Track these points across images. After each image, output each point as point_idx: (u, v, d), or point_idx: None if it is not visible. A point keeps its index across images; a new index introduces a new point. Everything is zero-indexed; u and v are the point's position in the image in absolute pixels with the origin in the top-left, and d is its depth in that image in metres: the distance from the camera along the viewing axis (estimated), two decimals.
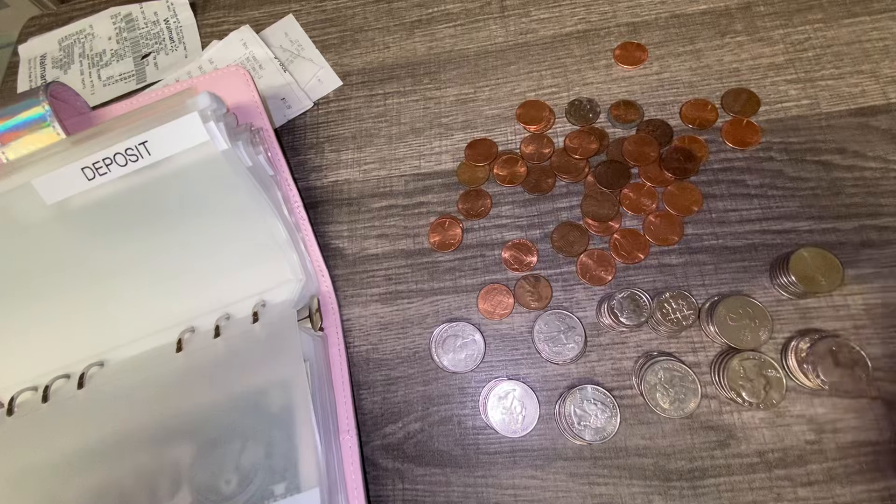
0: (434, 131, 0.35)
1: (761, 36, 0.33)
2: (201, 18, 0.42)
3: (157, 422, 0.26)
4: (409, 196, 0.33)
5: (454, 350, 0.29)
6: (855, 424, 0.25)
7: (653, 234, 0.29)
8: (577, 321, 0.28)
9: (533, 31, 0.37)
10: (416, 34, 0.38)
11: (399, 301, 0.31)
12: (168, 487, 0.24)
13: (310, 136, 0.36)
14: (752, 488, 0.25)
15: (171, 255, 0.29)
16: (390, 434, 0.28)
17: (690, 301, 0.27)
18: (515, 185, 0.32)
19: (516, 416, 0.27)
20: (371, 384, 0.29)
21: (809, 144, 0.30)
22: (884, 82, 0.31)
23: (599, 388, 0.26)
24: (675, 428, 0.26)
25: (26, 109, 0.28)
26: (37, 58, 0.43)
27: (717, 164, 0.31)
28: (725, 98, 0.32)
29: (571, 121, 0.33)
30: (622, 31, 0.35)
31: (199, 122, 0.26)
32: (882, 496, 0.24)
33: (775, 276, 0.27)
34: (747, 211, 0.29)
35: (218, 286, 0.30)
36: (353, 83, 0.37)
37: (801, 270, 0.26)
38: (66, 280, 0.28)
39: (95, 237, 0.28)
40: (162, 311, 0.29)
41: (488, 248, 0.31)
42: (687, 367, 0.26)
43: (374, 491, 0.27)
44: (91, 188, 0.26)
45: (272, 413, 0.24)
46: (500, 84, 0.35)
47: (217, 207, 0.28)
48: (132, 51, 0.41)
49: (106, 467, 0.25)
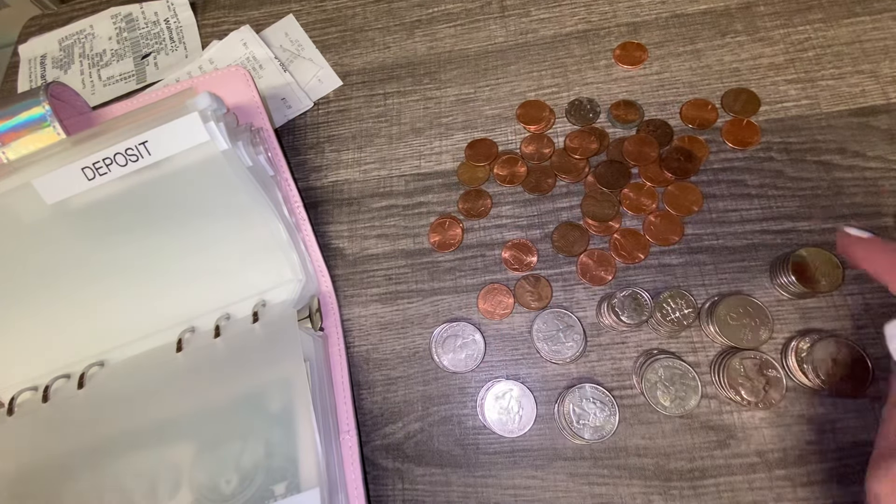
0: (434, 131, 0.35)
1: (761, 36, 0.33)
2: (201, 18, 0.42)
3: (158, 422, 0.26)
4: (410, 196, 0.33)
5: (454, 350, 0.29)
6: (855, 424, 0.25)
7: (653, 234, 0.29)
8: (575, 320, 0.28)
9: (533, 31, 0.37)
10: (416, 34, 0.38)
11: (399, 301, 0.31)
12: (168, 487, 0.24)
13: (310, 136, 0.36)
14: (752, 488, 0.25)
15: (172, 255, 0.29)
16: (390, 434, 0.28)
17: (690, 301, 0.27)
18: (515, 185, 0.32)
19: (513, 416, 0.27)
20: (371, 384, 0.29)
21: (809, 144, 0.30)
22: (884, 82, 0.31)
23: (598, 387, 0.26)
24: (675, 428, 0.26)
25: (26, 109, 0.28)
26: (37, 58, 0.43)
27: (717, 164, 0.31)
28: (725, 98, 0.32)
29: (571, 121, 0.33)
30: (622, 31, 0.35)
31: (200, 122, 0.26)
32: None
33: (775, 276, 0.27)
34: (747, 211, 0.29)
35: (218, 286, 0.30)
36: (353, 83, 0.37)
37: (800, 270, 0.26)
38: (67, 280, 0.28)
39: (95, 237, 0.28)
40: (162, 311, 0.29)
41: (488, 248, 0.31)
42: (687, 365, 0.26)
43: (374, 491, 0.27)
44: (91, 188, 0.26)
45: (272, 413, 0.24)
46: (501, 84, 0.35)
47: (217, 207, 0.28)
48: (132, 51, 0.41)
49: (106, 467, 0.25)
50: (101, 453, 0.25)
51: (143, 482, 0.24)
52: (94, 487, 0.24)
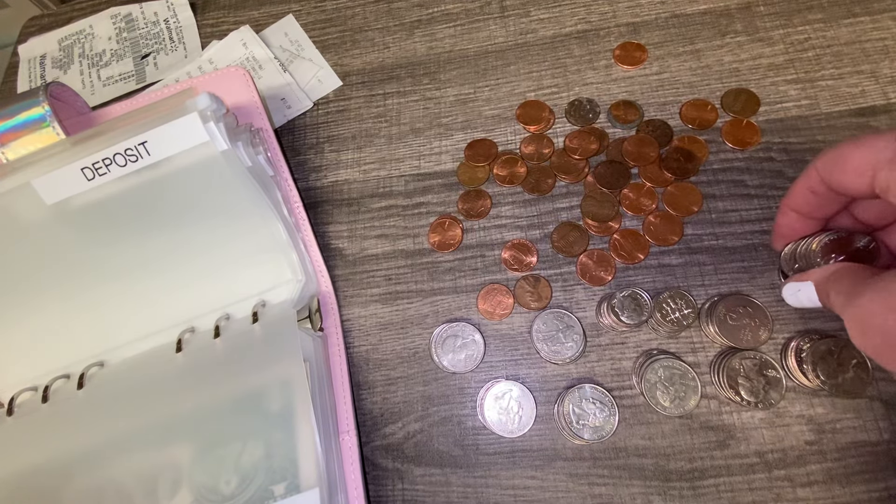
0: (434, 131, 0.35)
1: (761, 36, 0.33)
2: (201, 18, 0.42)
3: (157, 422, 0.26)
4: (409, 196, 0.33)
5: (454, 350, 0.29)
6: (855, 424, 0.25)
7: (653, 235, 0.29)
8: (575, 320, 0.28)
9: (533, 32, 0.36)
10: (416, 34, 0.38)
11: (399, 301, 0.31)
12: (168, 487, 0.24)
13: (310, 136, 0.36)
14: (751, 489, 0.25)
15: (171, 255, 0.29)
16: (390, 434, 0.28)
17: (690, 301, 0.27)
18: (515, 185, 0.32)
19: (513, 417, 0.27)
20: (371, 384, 0.29)
21: (809, 145, 0.30)
22: (884, 82, 0.31)
23: (598, 387, 0.26)
24: (674, 428, 0.26)
25: (26, 110, 0.28)
26: (37, 58, 0.43)
27: (716, 164, 0.31)
28: (725, 98, 0.32)
29: (571, 121, 0.33)
30: (622, 31, 0.35)
31: (199, 122, 0.26)
32: (882, 496, 0.24)
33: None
34: (747, 211, 0.29)
35: (218, 286, 0.30)
36: (353, 83, 0.37)
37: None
38: (66, 280, 0.28)
39: (95, 237, 0.28)
40: (162, 311, 0.29)
41: (488, 249, 0.31)
42: (687, 365, 0.26)
43: (374, 491, 0.27)
44: (91, 188, 0.26)
45: (272, 413, 0.24)
46: (500, 84, 0.35)
47: (217, 208, 0.28)
48: (132, 51, 0.41)
49: (106, 467, 0.25)
50: (101, 453, 0.25)
51: (142, 482, 0.24)
52: (94, 487, 0.24)
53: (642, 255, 0.29)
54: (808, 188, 0.21)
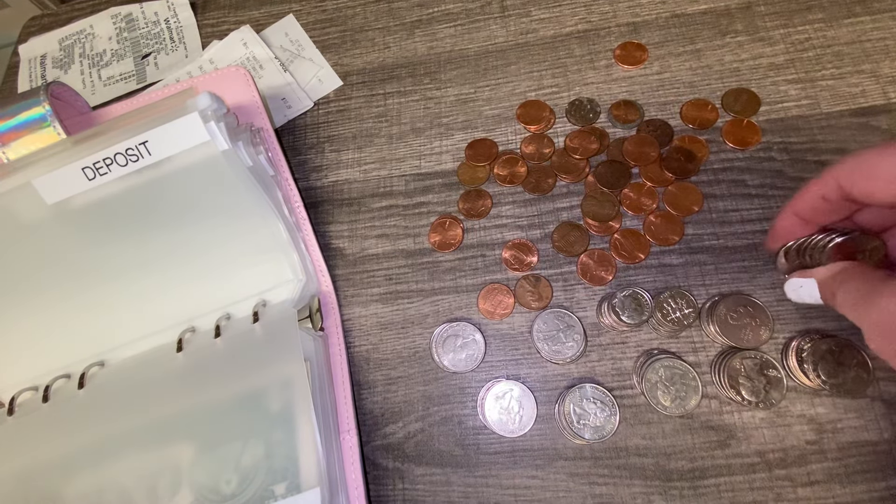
0: (434, 131, 0.35)
1: (761, 36, 0.33)
2: (201, 18, 0.42)
3: (158, 422, 0.26)
4: (410, 196, 0.33)
5: (454, 350, 0.29)
6: (855, 424, 0.25)
7: (653, 234, 0.29)
8: (576, 320, 0.28)
9: (533, 31, 0.37)
10: (416, 34, 0.38)
11: (399, 301, 0.31)
12: (168, 487, 0.24)
13: (310, 136, 0.36)
14: (752, 488, 0.25)
15: (172, 255, 0.29)
16: (391, 434, 0.28)
17: (691, 301, 0.27)
18: (516, 185, 0.32)
19: (513, 416, 0.27)
20: (371, 384, 0.29)
21: (810, 144, 0.30)
22: (884, 82, 0.31)
23: (599, 387, 0.26)
24: (675, 428, 0.26)
25: (27, 109, 0.28)
26: (37, 58, 0.43)
27: (717, 164, 0.31)
28: (726, 98, 0.32)
29: (572, 121, 0.33)
30: (622, 31, 0.35)
31: (200, 122, 0.26)
32: (883, 496, 0.24)
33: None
34: (747, 211, 0.29)
35: (218, 286, 0.30)
36: (354, 83, 0.37)
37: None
38: (67, 280, 0.28)
39: (96, 237, 0.28)
40: (162, 311, 0.29)
41: (489, 248, 0.31)
42: (688, 365, 0.26)
43: (375, 491, 0.27)
44: (91, 188, 0.26)
45: (273, 413, 0.24)
46: (501, 84, 0.35)
47: (217, 207, 0.28)
48: (132, 51, 0.41)
49: (106, 467, 0.25)
50: (101, 453, 0.25)
51: (143, 482, 0.24)
52: (94, 487, 0.24)
53: (643, 255, 0.29)
54: (822, 195, 0.21)
